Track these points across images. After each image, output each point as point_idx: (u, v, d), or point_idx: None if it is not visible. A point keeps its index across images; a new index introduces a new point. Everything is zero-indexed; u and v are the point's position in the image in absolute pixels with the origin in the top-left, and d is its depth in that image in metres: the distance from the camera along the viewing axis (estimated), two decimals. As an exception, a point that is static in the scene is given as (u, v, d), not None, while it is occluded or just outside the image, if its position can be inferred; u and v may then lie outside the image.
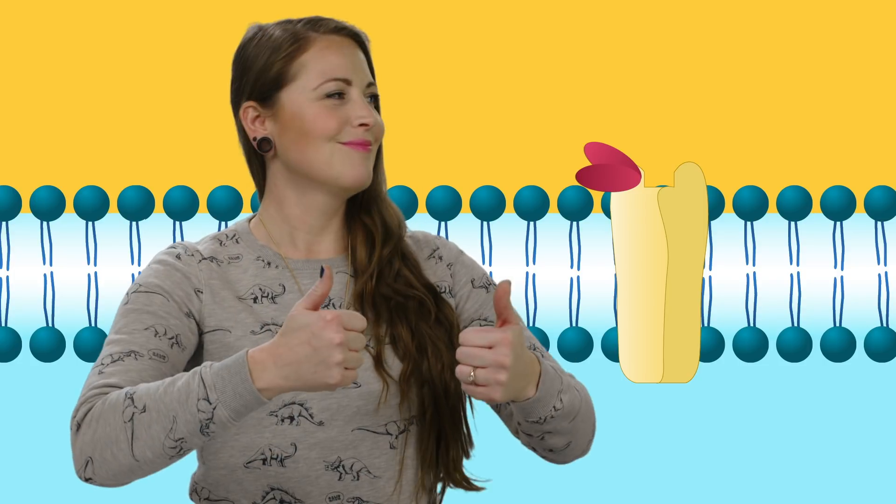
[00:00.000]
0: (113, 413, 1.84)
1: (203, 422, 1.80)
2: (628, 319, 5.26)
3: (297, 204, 2.06)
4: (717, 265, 5.41)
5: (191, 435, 1.81)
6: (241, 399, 1.79)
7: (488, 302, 2.11)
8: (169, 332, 1.97)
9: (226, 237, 2.08)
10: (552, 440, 2.00)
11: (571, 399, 1.98)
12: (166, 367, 1.95)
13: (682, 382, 5.18)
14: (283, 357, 1.78)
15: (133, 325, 1.97)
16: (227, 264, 2.05)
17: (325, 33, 2.06)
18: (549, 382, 1.93)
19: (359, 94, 2.04)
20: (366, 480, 2.00)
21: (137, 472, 1.85)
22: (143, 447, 1.83)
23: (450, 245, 2.15)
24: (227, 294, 2.02)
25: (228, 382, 1.80)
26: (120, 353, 1.93)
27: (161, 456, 1.83)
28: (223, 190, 5.22)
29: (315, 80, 2.03)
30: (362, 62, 2.07)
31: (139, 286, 2.01)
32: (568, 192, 5.36)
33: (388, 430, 2.02)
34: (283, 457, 1.99)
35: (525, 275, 5.41)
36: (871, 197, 5.37)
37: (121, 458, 1.84)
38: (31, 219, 5.26)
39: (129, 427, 1.82)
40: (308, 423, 1.98)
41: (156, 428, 1.82)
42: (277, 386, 1.78)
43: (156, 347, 1.94)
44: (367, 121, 2.02)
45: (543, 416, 1.95)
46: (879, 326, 5.40)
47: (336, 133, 2.02)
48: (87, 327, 5.24)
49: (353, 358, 1.77)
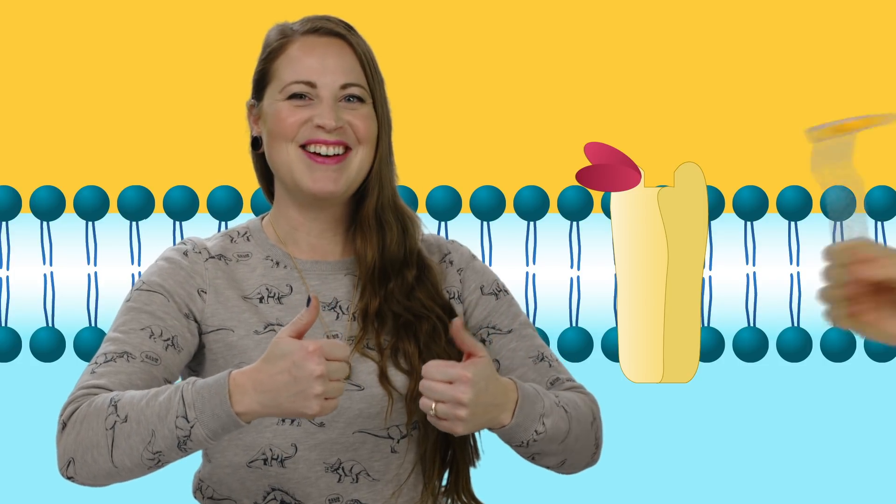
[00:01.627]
0: (96, 418, 1.86)
1: (180, 438, 1.82)
2: (628, 319, 5.26)
3: (292, 205, 2.06)
4: (717, 265, 5.41)
5: (168, 450, 1.83)
6: (219, 420, 1.80)
7: (497, 309, 2.09)
8: (165, 333, 1.97)
9: (237, 234, 2.09)
10: (543, 460, 2.00)
11: (556, 422, 1.95)
12: (158, 370, 1.95)
13: (682, 382, 5.18)
14: (263, 384, 1.78)
15: (130, 324, 1.97)
16: (236, 262, 2.05)
17: (303, 34, 2.06)
18: (527, 408, 1.91)
19: (328, 96, 2.02)
20: (365, 483, 2.00)
21: (116, 478, 1.88)
22: (122, 455, 1.85)
23: (462, 249, 2.13)
24: (232, 293, 2.02)
25: (208, 403, 1.80)
26: (114, 352, 1.94)
27: (139, 465, 1.86)
28: (223, 190, 5.22)
29: (282, 83, 2.03)
30: (340, 62, 2.04)
31: (143, 283, 2.01)
32: (568, 192, 5.36)
33: (389, 434, 2.01)
34: (284, 457, 1.99)
35: (525, 275, 5.41)
36: (870, 197, 5.37)
37: (101, 463, 1.87)
38: (31, 219, 5.26)
39: (110, 435, 1.85)
40: (309, 423, 1.98)
41: (135, 439, 1.84)
42: (254, 411, 1.79)
43: (149, 350, 1.95)
44: (322, 122, 2.00)
45: (525, 441, 1.94)
46: (879, 326, 5.39)
47: (295, 134, 2.01)
48: (87, 327, 5.24)
49: (333, 388, 1.77)
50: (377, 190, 2.05)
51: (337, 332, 2.02)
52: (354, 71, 2.04)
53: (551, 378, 2.08)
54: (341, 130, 2.01)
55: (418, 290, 2.04)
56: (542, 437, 1.94)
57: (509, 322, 2.08)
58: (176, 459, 1.86)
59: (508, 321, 2.08)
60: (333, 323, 2.03)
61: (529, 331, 2.10)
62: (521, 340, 2.08)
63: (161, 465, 1.86)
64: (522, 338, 2.08)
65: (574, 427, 1.99)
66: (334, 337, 2.02)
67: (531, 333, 2.10)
